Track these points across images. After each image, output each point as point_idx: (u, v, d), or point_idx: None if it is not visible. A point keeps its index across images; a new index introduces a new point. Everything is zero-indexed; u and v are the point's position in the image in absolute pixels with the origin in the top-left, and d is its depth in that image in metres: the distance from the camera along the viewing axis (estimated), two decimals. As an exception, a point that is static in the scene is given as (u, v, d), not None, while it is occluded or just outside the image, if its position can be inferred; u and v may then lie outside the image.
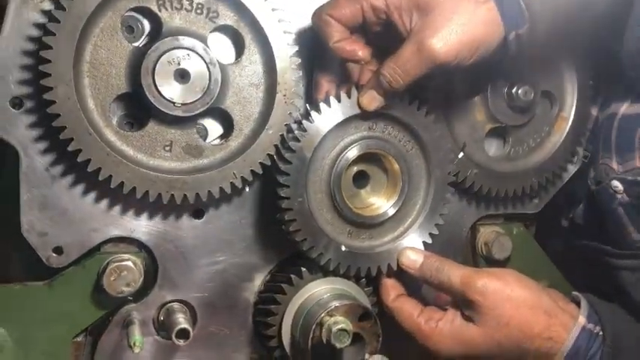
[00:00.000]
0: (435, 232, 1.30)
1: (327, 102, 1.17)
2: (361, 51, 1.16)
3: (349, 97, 1.18)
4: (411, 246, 1.27)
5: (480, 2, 1.09)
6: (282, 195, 1.17)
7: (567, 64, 1.43)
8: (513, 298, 1.14)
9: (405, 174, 1.25)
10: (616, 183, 1.31)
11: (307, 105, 1.21)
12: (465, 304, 1.18)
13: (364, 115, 1.20)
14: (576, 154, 1.47)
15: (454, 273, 1.18)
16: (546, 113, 1.43)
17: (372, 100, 1.17)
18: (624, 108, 1.35)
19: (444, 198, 1.29)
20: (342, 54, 1.16)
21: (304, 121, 1.17)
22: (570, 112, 1.43)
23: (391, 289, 1.28)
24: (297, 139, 1.16)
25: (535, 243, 1.52)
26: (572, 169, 1.50)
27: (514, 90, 1.34)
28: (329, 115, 1.17)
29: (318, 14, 1.16)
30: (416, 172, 1.27)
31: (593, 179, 1.41)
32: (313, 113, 1.17)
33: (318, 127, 1.17)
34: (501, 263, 1.45)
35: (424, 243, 1.29)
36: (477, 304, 1.15)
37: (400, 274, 1.28)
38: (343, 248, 1.23)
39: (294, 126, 1.18)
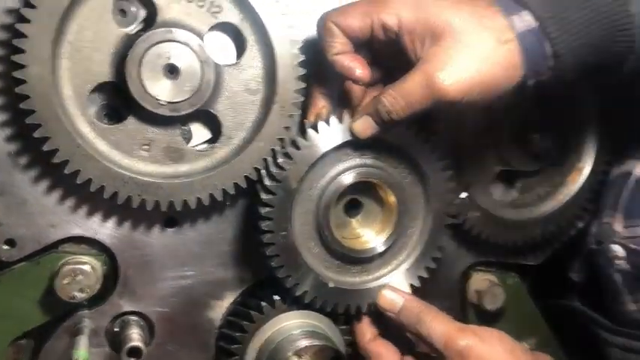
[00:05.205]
0: (433, 265, 1.20)
1: (316, 128, 1.07)
2: (361, 70, 1.03)
3: (340, 121, 1.07)
4: (393, 285, 1.17)
5: (501, 41, 0.97)
6: (264, 228, 1.06)
7: (591, 114, 1.33)
8: None
9: (402, 204, 1.14)
10: (616, 248, 1.22)
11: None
12: None
13: (357, 142, 1.08)
14: (587, 210, 1.37)
15: (436, 328, 1.08)
16: (562, 163, 1.34)
17: (367, 128, 1.06)
18: None
19: (442, 230, 1.19)
20: (339, 69, 1.04)
21: (290, 149, 1.06)
22: (587, 165, 1.34)
23: (367, 329, 1.18)
24: (282, 168, 1.06)
25: (528, 297, 1.43)
26: (580, 225, 1.39)
27: (531, 134, 1.25)
28: (318, 141, 1.07)
29: (323, 20, 1.05)
30: (413, 202, 1.17)
31: (594, 237, 1.31)
32: (300, 140, 1.06)
33: (305, 155, 1.06)
34: (492, 314, 1.36)
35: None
36: None
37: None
38: (331, 285, 1.13)
39: (279, 153, 1.08)
